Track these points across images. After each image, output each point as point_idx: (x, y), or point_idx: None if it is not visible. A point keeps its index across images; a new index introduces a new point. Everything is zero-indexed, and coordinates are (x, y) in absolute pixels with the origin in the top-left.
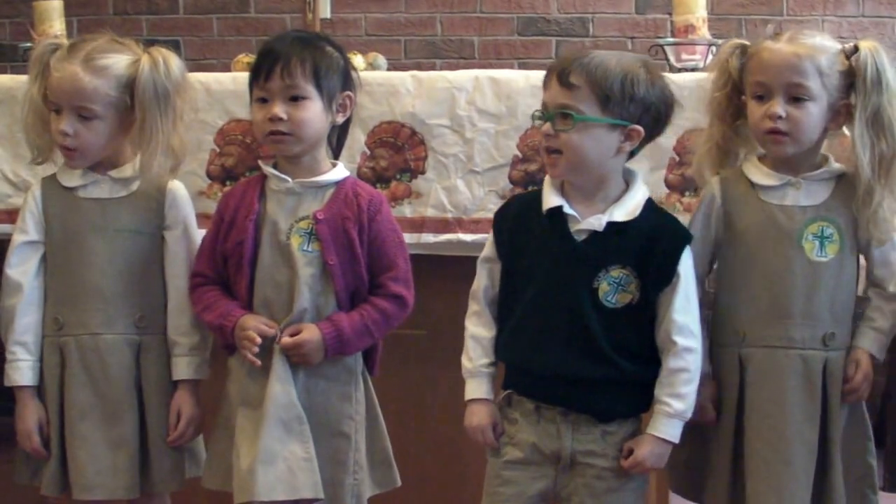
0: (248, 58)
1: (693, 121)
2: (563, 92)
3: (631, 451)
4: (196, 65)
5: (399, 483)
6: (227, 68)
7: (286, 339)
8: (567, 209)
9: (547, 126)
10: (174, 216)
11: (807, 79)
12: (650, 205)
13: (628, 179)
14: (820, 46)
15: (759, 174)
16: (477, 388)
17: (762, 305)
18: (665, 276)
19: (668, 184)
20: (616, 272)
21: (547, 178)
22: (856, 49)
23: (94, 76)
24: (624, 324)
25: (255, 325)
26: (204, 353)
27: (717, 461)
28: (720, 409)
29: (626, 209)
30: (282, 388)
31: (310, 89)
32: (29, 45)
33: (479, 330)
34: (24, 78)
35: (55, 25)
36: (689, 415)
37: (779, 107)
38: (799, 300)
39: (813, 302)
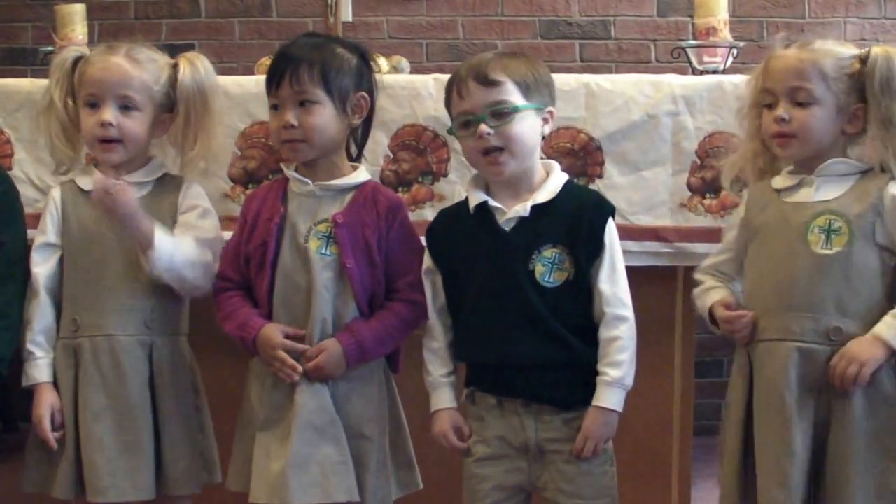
0: (269, 61)
1: (714, 124)
2: (489, 91)
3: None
4: (217, 69)
5: (421, 486)
6: (247, 72)
7: (308, 365)
8: (492, 203)
9: (482, 127)
10: (189, 204)
11: (808, 82)
12: (570, 184)
13: (548, 169)
14: (826, 51)
15: (780, 180)
16: (439, 398)
17: (767, 298)
18: (594, 247)
19: (690, 186)
20: (548, 252)
21: (470, 181)
22: (869, 54)
23: (138, 68)
24: (567, 302)
25: (282, 344)
26: None
27: (727, 456)
28: (730, 403)
29: (548, 191)
30: (311, 393)
31: (319, 94)
32: (50, 48)
33: (431, 342)
34: (46, 82)
35: (77, 29)
36: (628, 382)
37: (782, 110)
38: (800, 292)
39: (815, 294)
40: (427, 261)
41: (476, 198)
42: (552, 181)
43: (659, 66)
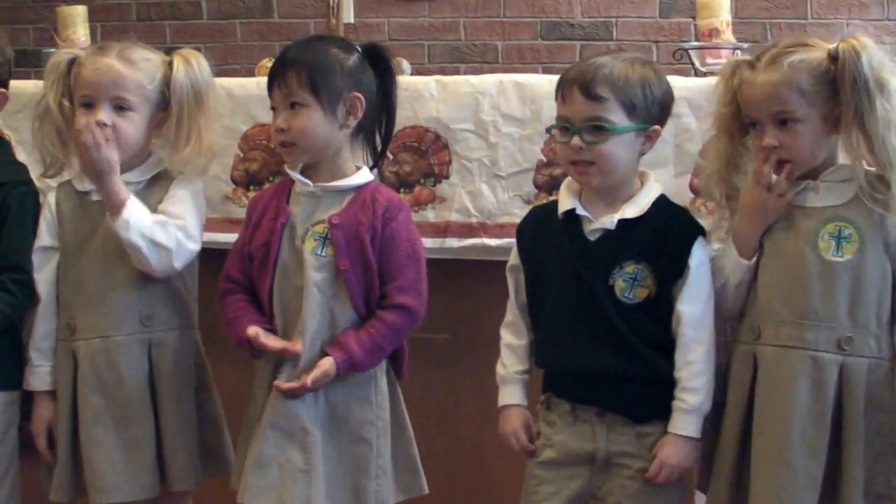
0: (270, 62)
1: None
2: (591, 105)
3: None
4: (219, 70)
5: (426, 490)
6: (249, 74)
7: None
8: (580, 211)
9: (576, 139)
10: (169, 195)
11: (788, 104)
12: (663, 201)
13: (643, 179)
14: (797, 65)
15: None
16: (509, 394)
17: (777, 304)
18: (677, 269)
19: (692, 189)
20: (630, 268)
21: (564, 184)
22: (839, 51)
23: (131, 68)
24: (645, 318)
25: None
26: None
27: (721, 459)
28: (727, 407)
29: (638, 206)
30: (283, 397)
31: (306, 96)
32: (52, 50)
33: (510, 338)
34: None
35: (79, 31)
36: (706, 407)
37: (770, 138)
38: (813, 300)
39: (828, 303)
40: (513, 257)
41: (566, 203)
42: (644, 195)
43: (661, 68)
